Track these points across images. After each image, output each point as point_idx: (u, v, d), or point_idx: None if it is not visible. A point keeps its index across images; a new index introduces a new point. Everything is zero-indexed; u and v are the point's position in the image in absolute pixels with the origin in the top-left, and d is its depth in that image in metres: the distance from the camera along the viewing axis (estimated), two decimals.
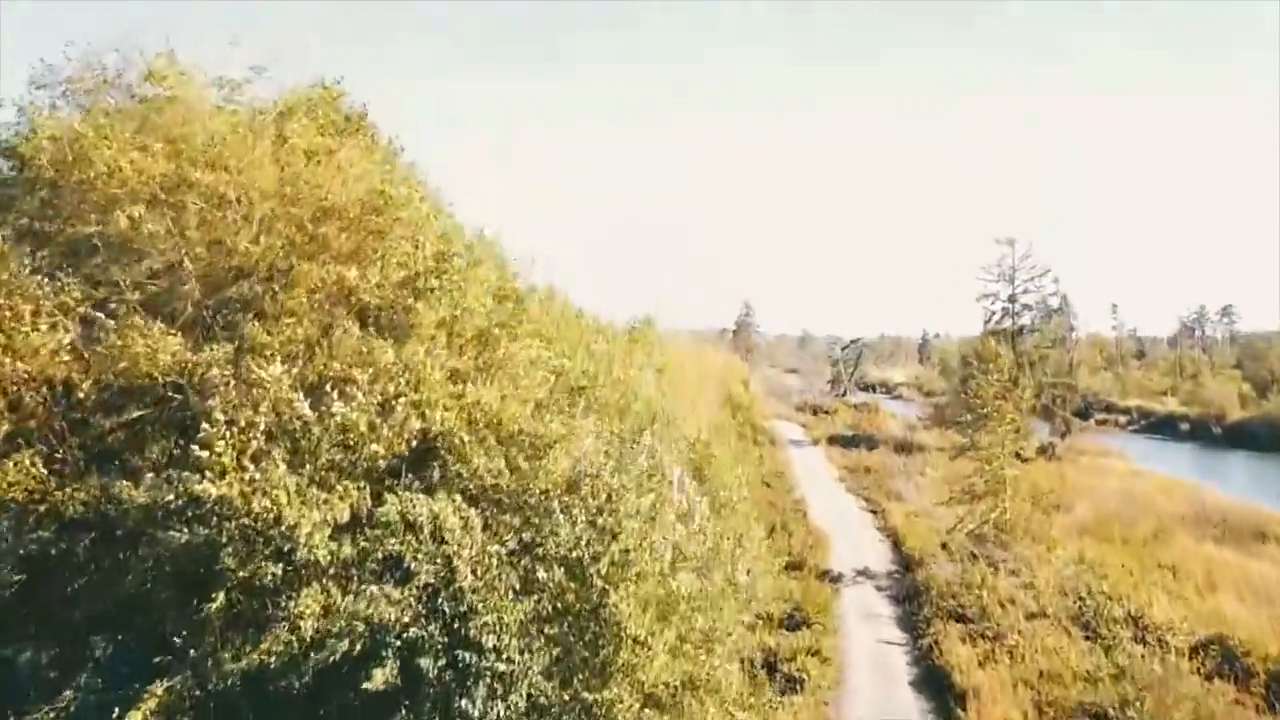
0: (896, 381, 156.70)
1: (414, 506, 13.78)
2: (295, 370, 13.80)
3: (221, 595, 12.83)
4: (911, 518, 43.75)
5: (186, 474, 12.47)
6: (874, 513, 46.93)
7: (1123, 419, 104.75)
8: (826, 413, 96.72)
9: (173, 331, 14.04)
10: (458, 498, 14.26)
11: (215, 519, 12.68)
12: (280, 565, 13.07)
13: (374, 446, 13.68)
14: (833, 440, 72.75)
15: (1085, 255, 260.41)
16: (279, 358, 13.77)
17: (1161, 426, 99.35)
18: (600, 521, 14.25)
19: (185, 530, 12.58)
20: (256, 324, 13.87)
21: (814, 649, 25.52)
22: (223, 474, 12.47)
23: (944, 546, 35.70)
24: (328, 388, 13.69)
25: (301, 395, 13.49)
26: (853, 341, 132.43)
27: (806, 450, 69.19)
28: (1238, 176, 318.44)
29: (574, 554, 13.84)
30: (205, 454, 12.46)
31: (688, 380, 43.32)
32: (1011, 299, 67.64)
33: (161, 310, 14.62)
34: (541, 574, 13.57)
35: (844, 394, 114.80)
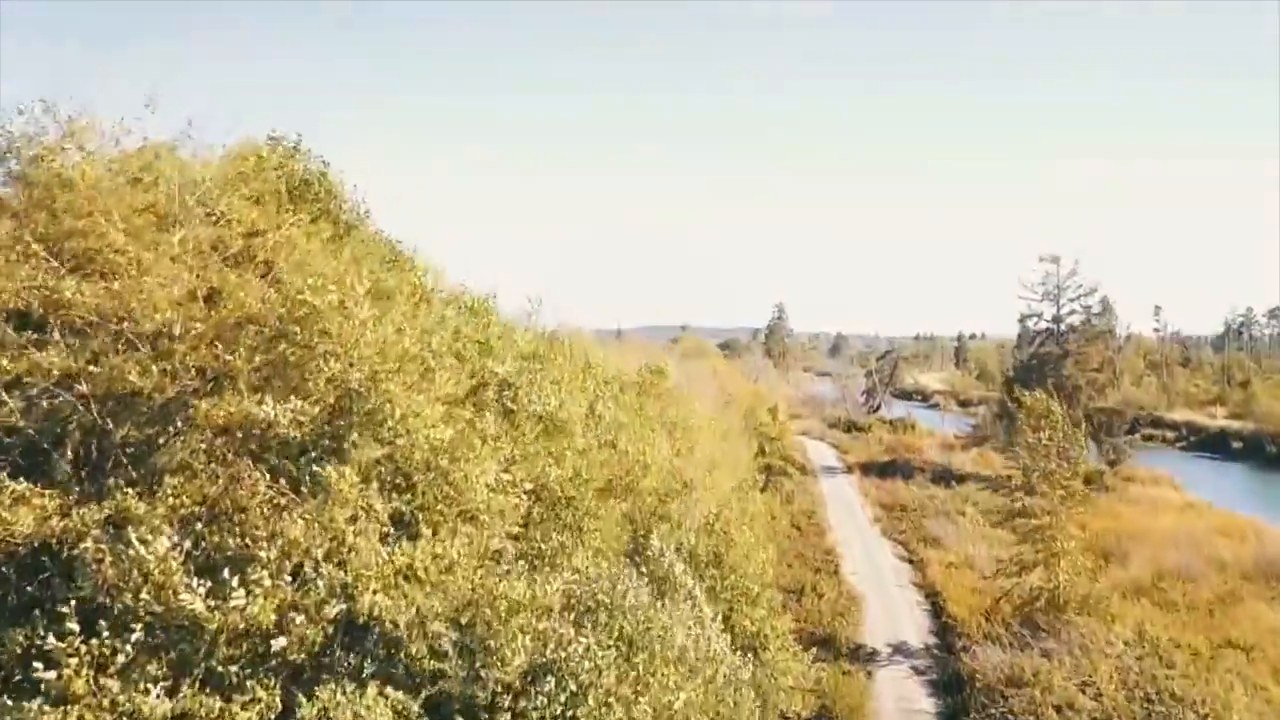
0: (933, 389, 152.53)
1: (337, 708, 11.04)
2: (187, 544, 11.00)
3: None
4: (951, 569, 40.63)
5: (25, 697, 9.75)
6: (911, 562, 43.71)
7: (1170, 434, 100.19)
8: (860, 429, 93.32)
9: (42, 488, 11.32)
10: (396, 691, 11.49)
11: None
12: None
13: (282, 641, 10.90)
14: (867, 469, 69.18)
15: (1126, 251, 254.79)
16: (167, 526, 11.02)
17: (1212, 444, 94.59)
18: None
19: None
20: (129, 492, 11.02)
21: None
22: (73, 702, 9.74)
23: (987, 617, 32.53)
24: (226, 571, 10.89)
25: (194, 578, 10.72)
26: (887, 353, 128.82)
27: (840, 480, 65.73)
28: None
29: None
30: (51, 675, 9.74)
31: (707, 430, 40.23)
32: (1056, 320, 63.96)
33: (39, 457, 11.96)
34: None
35: (878, 407, 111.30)
